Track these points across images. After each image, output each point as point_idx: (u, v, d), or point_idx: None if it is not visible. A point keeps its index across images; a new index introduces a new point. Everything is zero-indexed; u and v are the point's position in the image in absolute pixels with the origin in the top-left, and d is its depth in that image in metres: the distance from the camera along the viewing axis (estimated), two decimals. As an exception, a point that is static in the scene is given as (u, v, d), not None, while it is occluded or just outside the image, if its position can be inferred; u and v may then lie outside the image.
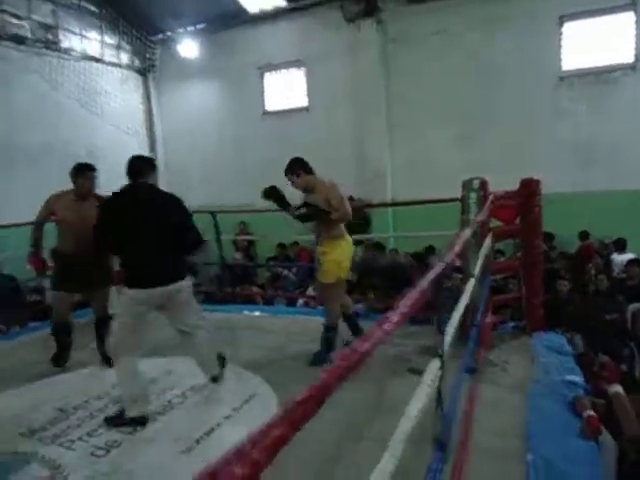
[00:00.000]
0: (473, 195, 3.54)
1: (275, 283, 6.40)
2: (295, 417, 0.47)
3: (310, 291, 6.22)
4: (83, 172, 3.40)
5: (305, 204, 3.45)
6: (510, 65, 6.91)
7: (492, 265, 3.34)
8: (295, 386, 2.41)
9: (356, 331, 3.75)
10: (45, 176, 6.07)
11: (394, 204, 7.58)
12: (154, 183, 2.86)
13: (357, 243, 7.31)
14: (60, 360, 3.59)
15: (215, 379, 3.04)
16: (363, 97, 7.76)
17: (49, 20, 7.45)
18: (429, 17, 7.29)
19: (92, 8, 8.09)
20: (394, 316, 0.77)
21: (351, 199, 7.53)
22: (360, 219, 7.60)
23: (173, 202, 2.87)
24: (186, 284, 2.83)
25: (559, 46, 6.90)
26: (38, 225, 3.50)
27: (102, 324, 3.67)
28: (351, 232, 7.03)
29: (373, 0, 7.43)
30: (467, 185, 3.61)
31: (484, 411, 2.42)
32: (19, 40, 7.03)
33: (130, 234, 2.67)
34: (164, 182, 9.28)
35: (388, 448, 0.72)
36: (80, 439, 2.67)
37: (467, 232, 1.73)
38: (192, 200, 7.98)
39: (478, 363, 2.72)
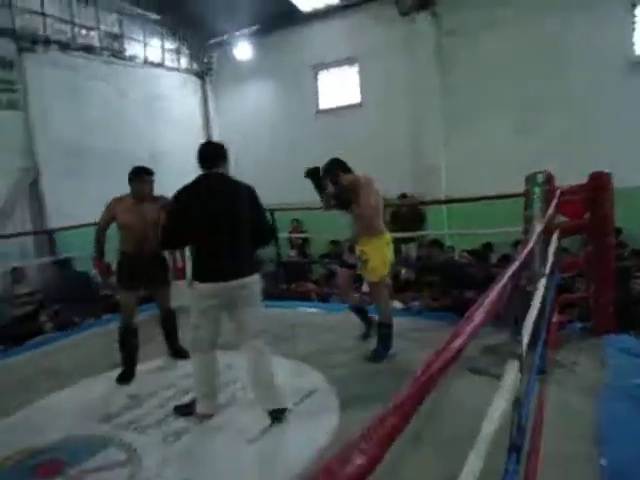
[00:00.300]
0: (537, 190, 3.40)
1: (330, 280, 6.45)
2: (405, 409, 0.49)
3: (365, 288, 6.23)
4: (140, 176, 3.50)
5: (337, 195, 3.47)
6: (575, 51, 6.57)
7: (559, 263, 3.21)
8: (354, 382, 2.48)
9: (368, 324, 3.87)
10: (112, 179, 6.40)
11: (450, 201, 7.41)
12: (225, 172, 2.75)
13: (411, 240, 7.27)
14: (125, 378, 3.49)
15: (277, 416, 2.65)
16: (417, 91, 7.65)
17: (115, 29, 7.88)
18: (484, 7, 7.06)
19: (154, 16, 8.46)
20: (480, 312, 0.77)
21: (404, 196, 7.48)
22: (415, 216, 7.52)
23: (247, 192, 2.74)
24: (257, 280, 2.75)
25: (631, 30, 6.49)
26: (101, 230, 3.60)
27: (167, 319, 3.87)
28: (406, 229, 7.01)
29: (428, -8, 7.31)
30: (531, 179, 3.48)
31: (553, 413, 2.34)
32: (88, 49, 7.47)
33: (202, 226, 2.58)
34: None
35: (473, 448, 0.73)
36: (152, 426, 2.83)
37: (538, 228, 1.67)
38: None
39: (546, 364, 2.63)
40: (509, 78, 6.99)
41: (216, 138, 9.64)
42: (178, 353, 3.83)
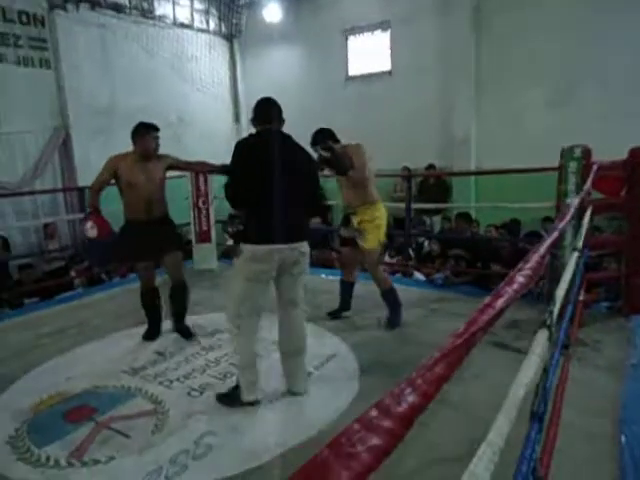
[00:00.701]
0: (573, 164, 3.30)
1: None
2: (452, 359, 0.49)
3: (385, 257, 6.21)
4: (148, 131, 3.23)
5: (333, 160, 3.25)
6: (616, 20, 6.20)
7: (590, 240, 3.13)
8: (372, 348, 2.48)
9: (346, 303, 3.89)
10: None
11: (480, 173, 7.25)
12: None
13: (437, 212, 7.18)
14: (151, 336, 3.54)
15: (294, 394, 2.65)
16: (450, 60, 7.38)
17: (145, -12, 7.78)
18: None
19: (183, -26, 8.31)
20: (520, 277, 0.76)
21: (432, 167, 7.34)
22: (441, 188, 7.40)
23: (306, 155, 2.59)
24: (307, 247, 2.57)
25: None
26: (96, 191, 3.22)
27: (178, 292, 3.51)
28: (431, 201, 6.90)
29: (467, -45, 6.95)
30: (567, 153, 3.37)
31: (574, 389, 2.33)
32: (118, 8, 7.40)
33: (260, 182, 2.38)
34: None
35: (502, 410, 0.73)
36: (177, 380, 2.93)
37: (575, 202, 1.62)
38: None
39: (570, 341, 2.60)
40: (546, 48, 6.67)
41: (242, 101, 9.57)
42: (183, 333, 3.55)
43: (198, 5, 8.72)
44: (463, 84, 7.35)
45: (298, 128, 2.78)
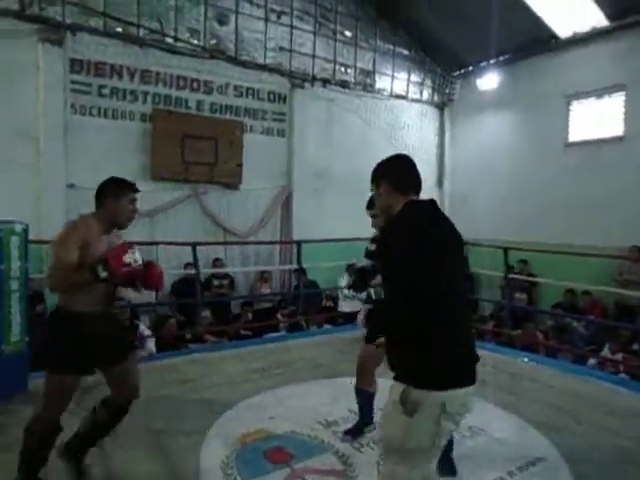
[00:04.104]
0: None
1: (561, 333, 5.71)
2: None
3: (605, 352, 5.31)
4: (124, 191, 2.33)
5: None
6: None
7: None
8: (596, 455, 2.00)
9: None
10: (348, 200, 7.07)
11: None
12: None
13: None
14: None
15: None
16: None
17: (369, 66, 8.65)
18: None
19: (404, 52, 9.00)
20: None
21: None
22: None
23: (460, 237, 1.81)
24: None
25: None
26: (72, 268, 2.16)
27: (122, 412, 2.45)
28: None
29: None
30: None
31: None
32: (345, 85, 8.39)
33: (439, 285, 1.58)
34: (446, 211, 9.52)
35: None
36: (367, 445, 2.91)
37: None
38: (473, 233, 7.93)
39: None
40: None
41: (447, 165, 9.65)
42: (78, 456, 2.44)
43: (414, 77, 9.27)
44: None
45: (507, 194, 2.60)
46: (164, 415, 3.20)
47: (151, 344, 4.88)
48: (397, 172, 1.80)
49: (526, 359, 4.64)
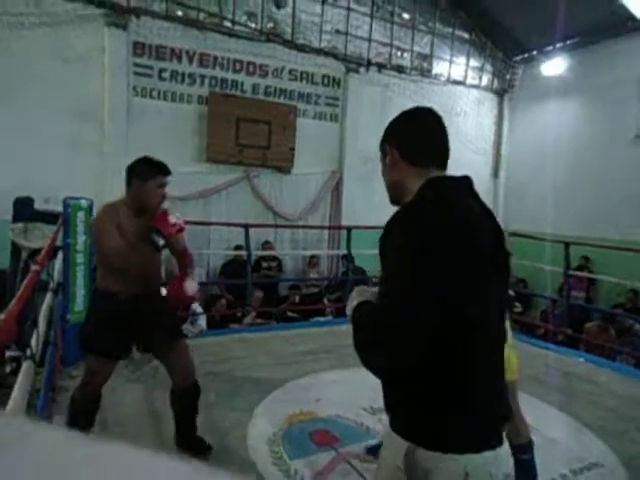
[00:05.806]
0: None
1: (622, 336, 5.41)
2: None
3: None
4: (152, 174, 2.20)
5: None
6: None
7: None
8: None
9: None
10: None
11: None
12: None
13: None
14: None
15: None
16: None
17: (427, 50, 8.39)
18: None
19: (464, 35, 8.66)
20: None
21: None
22: None
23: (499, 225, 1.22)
24: None
25: None
26: (106, 256, 2.26)
27: (186, 397, 2.47)
28: None
29: None
30: None
31: None
32: (400, 69, 8.18)
33: (474, 311, 1.08)
34: (501, 202, 9.18)
35: None
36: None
37: None
38: (527, 225, 7.59)
39: None
40: None
41: (504, 154, 9.28)
42: (192, 447, 2.49)
43: (473, 62, 8.92)
44: None
45: (569, 187, 2.44)
46: (215, 390, 3.31)
47: (203, 321, 5.04)
48: (412, 134, 1.20)
49: (582, 359, 4.44)
